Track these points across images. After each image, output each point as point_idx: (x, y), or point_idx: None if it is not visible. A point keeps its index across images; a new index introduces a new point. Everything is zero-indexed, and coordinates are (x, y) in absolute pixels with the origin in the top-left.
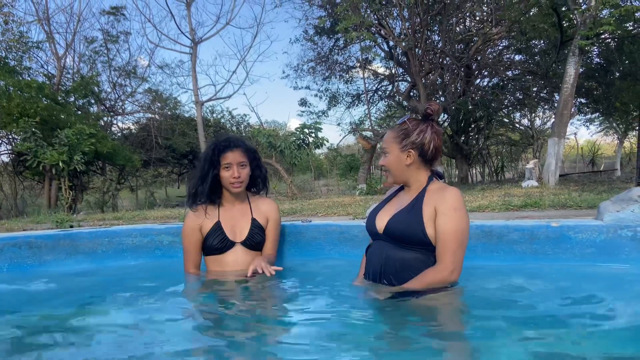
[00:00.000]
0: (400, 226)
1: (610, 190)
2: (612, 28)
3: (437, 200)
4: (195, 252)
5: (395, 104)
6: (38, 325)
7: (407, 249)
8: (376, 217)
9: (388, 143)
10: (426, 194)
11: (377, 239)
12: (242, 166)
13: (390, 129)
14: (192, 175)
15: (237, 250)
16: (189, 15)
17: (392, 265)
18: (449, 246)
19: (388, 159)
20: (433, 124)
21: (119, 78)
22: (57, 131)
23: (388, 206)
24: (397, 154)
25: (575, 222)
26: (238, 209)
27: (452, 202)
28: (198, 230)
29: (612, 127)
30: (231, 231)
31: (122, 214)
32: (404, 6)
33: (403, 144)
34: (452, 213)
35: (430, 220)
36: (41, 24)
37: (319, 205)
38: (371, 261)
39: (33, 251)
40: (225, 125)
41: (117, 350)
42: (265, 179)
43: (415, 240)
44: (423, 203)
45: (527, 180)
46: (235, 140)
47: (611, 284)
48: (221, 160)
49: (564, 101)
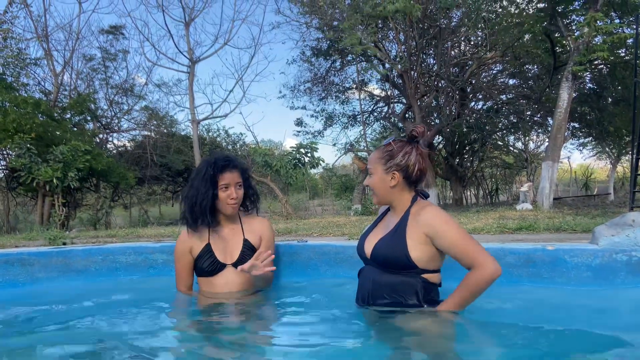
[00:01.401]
0: (384, 252)
1: (604, 215)
2: (605, 55)
3: (422, 226)
4: (186, 274)
5: (390, 125)
6: (29, 341)
7: (394, 272)
8: (365, 241)
9: (373, 163)
10: (410, 216)
11: (366, 263)
12: (239, 187)
13: (376, 149)
14: (185, 194)
15: (228, 273)
16: (187, 35)
17: (379, 289)
18: (469, 249)
19: (372, 180)
20: (418, 146)
21: (115, 95)
22: (52, 147)
23: (376, 230)
24: (381, 175)
25: (571, 245)
26: (229, 230)
27: (439, 220)
28: (189, 253)
29: (605, 152)
30: (222, 253)
31: (115, 232)
32: (400, 30)
33: (387, 165)
34: (446, 227)
35: (415, 243)
36: (40, 41)
37: (314, 225)
38: (361, 285)
39: (26, 268)
40: (221, 144)
41: None
42: (257, 197)
43: (400, 264)
44: (407, 226)
45: (522, 203)
46: (234, 159)
47: (606, 309)
48: (219, 180)
49: (557, 125)
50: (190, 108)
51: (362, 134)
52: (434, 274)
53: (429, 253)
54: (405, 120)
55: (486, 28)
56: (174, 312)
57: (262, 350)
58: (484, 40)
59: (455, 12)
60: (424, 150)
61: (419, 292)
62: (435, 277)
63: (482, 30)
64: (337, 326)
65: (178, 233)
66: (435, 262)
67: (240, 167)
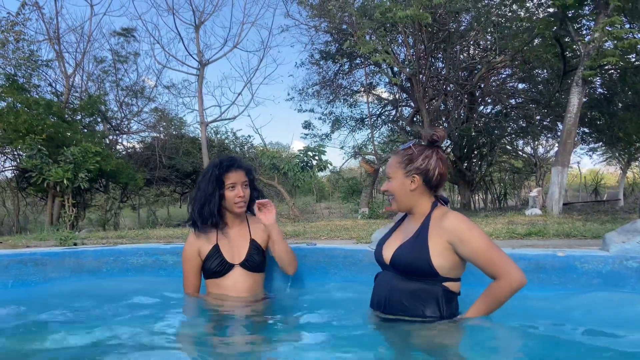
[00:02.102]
0: (405, 258)
1: (614, 221)
2: (616, 60)
3: (445, 233)
4: (194, 276)
5: (398, 128)
6: (38, 340)
7: (414, 280)
8: (383, 246)
9: (392, 168)
10: (431, 222)
11: (384, 269)
12: (246, 186)
13: (395, 153)
14: (193, 196)
15: (236, 273)
16: (197, 38)
17: (397, 296)
18: (494, 258)
19: (392, 184)
20: (438, 150)
21: (126, 97)
22: (63, 149)
23: (394, 235)
24: (401, 179)
25: (581, 252)
26: (236, 231)
27: (463, 228)
28: (197, 255)
29: (615, 157)
30: (229, 253)
31: (124, 233)
32: (409, 33)
33: (407, 169)
34: (470, 235)
35: (438, 250)
36: (52, 43)
37: (321, 228)
38: (377, 291)
39: (38, 268)
40: (229, 146)
41: None
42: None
43: (421, 272)
44: (428, 233)
45: (531, 208)
46: (239, 160)
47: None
48: (225, 180)
49: (567, 130)
50: (199, 110)
51: (369, 137)
52: (455, 282)
53: (452, 261)
54: (413, 123)
55: (495, 32)
56: (183, 314)
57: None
58: (493, 44)
59: (465, 16)
60: (444, 155)
61: (439, 300)
62: (456, 286)
63: (492, 34)
64: (347, 332)
65: (187, 234)
66: (457, 270)
67: (246, 167)
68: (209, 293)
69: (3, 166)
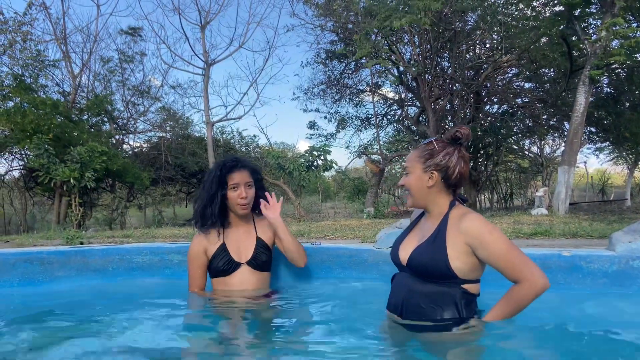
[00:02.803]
0: (423, 260)
1: (620, 220)
2: (623, 59)
3: (464, 235)
4: (200, 276)
5: (404, 128)
6: (43, 339)
7: (431, 282)
8: (399, 247)
9: (411, 162)
10: (449, 222)
11: (401, 270)
12: (249, 187)
13: (415, 147)
14: (197, 196)
15: (243, 272)
16: (202, 38)
17: (415, 299)
18: (516, 262)
19: (409, 179)
20: (461, 148)
21: (132, 97)
22: (70, 148)
23: (411, 236)
24: (420, 174)
25: (587, 252)
26: (243, 230)
27: (481, 230)
28: (203, 254)
29: (622, 157)
30: (236, 252)
31: (131, 232)
32: (415, 33)
33: (426, 165)
34: (490, 238)
35: (456, 252)
36: (59, 43)
37: (326, 227)
38: (394, 292)
39: (45, 267)
40: (234, 145)
41: None
42: None
43: (438, 274)
44: (446, 234)
45: (537, 208)
46: (243, 160)
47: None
48: (228, 180)
49: (574, 130)
50: (205, 110)
51: (375, 137)
52: (474, 284)
53: (471, 263)
54: (419, 123)
55: (502, 31)
56: (189, 312)
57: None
58: (500, 43)
59: (471, 15)
60: (466, 154)
61: (458, 303)
62: (475, 288)
63: (498, 33)
64: (355, 332)
65: (192, 234)
66: (477, 272)
67: (250, 167)
68: (216, 291)
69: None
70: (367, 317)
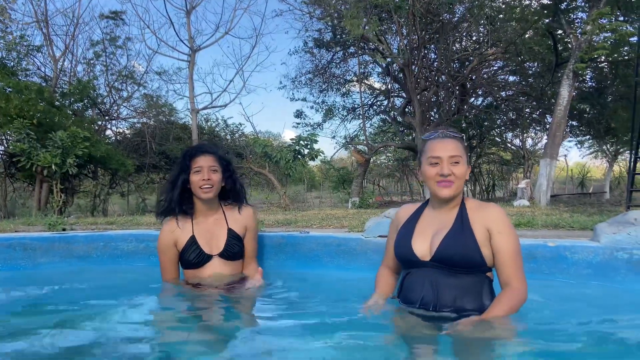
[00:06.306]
0: (456, 250)
1: (600, 213)
2: (606, 52)
3: (486, 220)
4: (172, 266)
5: (390, 119)
6: (24, 324)
7: (462, 273)
8: (412, 243)
9: (461, 152)
10: (468, 211)
11: (419, 266)
12: (213, 171)
13: (453, 138)
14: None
15: (214, 263)
16: (188, 24)
17: (449, 293)
18: (517, 265)
19: (461, 168)
20: None
21: (115, 82)
22: (52, 133)
23: (422, 230)
24: (466, 165)
25: (572, 242)
26: (213, 220)
27: (505, 219)
28: (173, 246)
29: (602, 151)
30: (207, 244)
31: (114, 219)
32: (403, 23)
33: (467, 157)
34: (509, 230)
35: (482, 240)
36: (39, 26)
37: (313, 217)
38: (415, 290)
39: (27, 253)
40: (219, 133)
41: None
42: (240, 192)
43: (471, 263)
44: (470, 221)
45: (519, 199)
46: (210, 146)
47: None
48: (192, 164)
49: (556, 123)
50: (189, 97)
51: (361, 127)
52: (491, 271)
53: (491, 249)
54: (405, 114)
55: (488, 24)
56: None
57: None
58: (486, 36)
59: (459, 7)
60: None
61: (487, 290)
62: (491, 275)
63: (485, 26)
64: (337, 318)
65: None
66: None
67: (217, 154)
68: (188, 280)
69: None
70: (352, 306)
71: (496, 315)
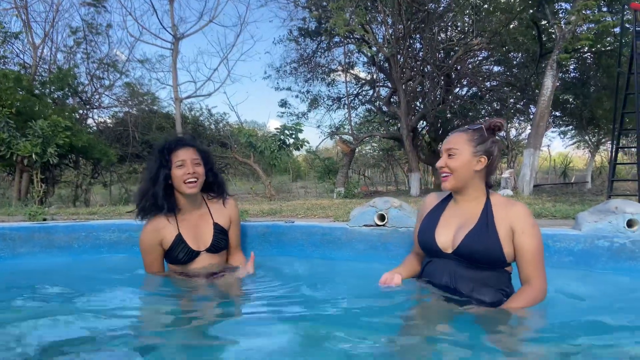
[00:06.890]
0: (478, 247)
1: (582, 202)
2: (589, 43)
3: (511, 218)
4: (158, 263)
5: (375, 109)
6: (3, 316)
7: (482, 268)
8: (435, 233)
9: (460, 144)
10: (493, 208)
11: (440, 257)
12: (197, 164)
13: (460, 130)
14: (140, 180)
15: (202, 258)
16: (171, 11)
17: (467, 284)
18: (538, 264)
19: (457, 160)
20: (498, 140)
21: (97, 70)
22: (32, 122)
23: (446, 221)
24: (469, 157)
25: (554, 231)
26: (197, 216)
27: (529, 218)
28: (158, 245)
29: (584, 141)
30: (194, 241)
31: (96, 209)
32: (388, 13)
33: (477, 149)
34: (532, 230)
35: (505, 238)
36: (18, 12)
37: (298, 206)
38: (435, 278)
39: (6, 243)
40: (203, 123)
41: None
42: (221, 185)
43: (493, 260)
44: (495, 219)
45: (503, 189)
46: (189, 138)
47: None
48: (172, 158)
49: (540, 113)
50: (173, 86)
51: (346, 117)
52: (510, 266)
53: (513, 248)
54: (390, 104)
55: (474, 14)
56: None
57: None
58: (471, 26)
59: None
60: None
61: (506, 285)
62: (510, 269)
63: (470, 16)
64: (322, 301)
65: None
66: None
67: (197, 146)
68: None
69: None
70: (337, 293)
71: (513, 308)
